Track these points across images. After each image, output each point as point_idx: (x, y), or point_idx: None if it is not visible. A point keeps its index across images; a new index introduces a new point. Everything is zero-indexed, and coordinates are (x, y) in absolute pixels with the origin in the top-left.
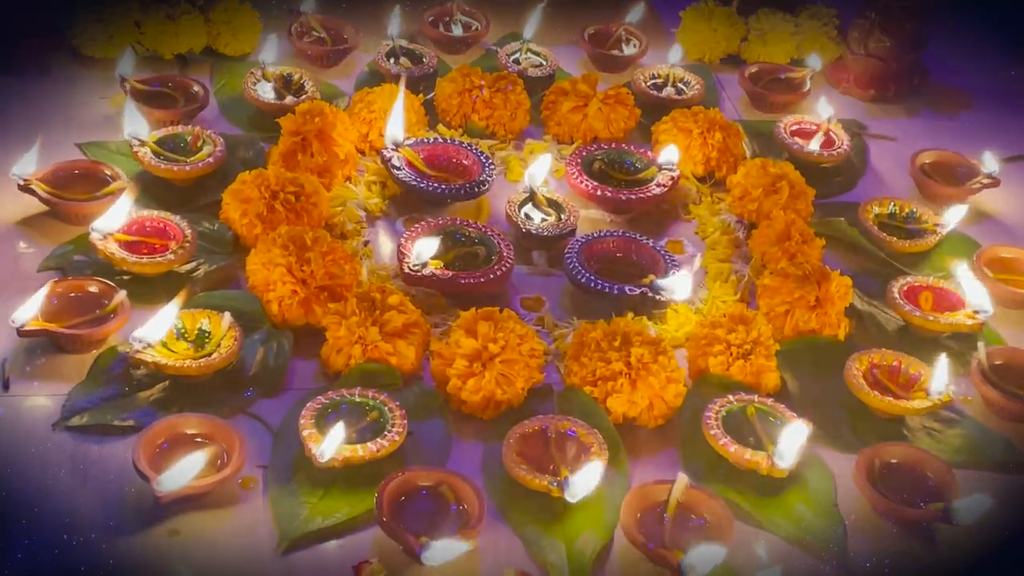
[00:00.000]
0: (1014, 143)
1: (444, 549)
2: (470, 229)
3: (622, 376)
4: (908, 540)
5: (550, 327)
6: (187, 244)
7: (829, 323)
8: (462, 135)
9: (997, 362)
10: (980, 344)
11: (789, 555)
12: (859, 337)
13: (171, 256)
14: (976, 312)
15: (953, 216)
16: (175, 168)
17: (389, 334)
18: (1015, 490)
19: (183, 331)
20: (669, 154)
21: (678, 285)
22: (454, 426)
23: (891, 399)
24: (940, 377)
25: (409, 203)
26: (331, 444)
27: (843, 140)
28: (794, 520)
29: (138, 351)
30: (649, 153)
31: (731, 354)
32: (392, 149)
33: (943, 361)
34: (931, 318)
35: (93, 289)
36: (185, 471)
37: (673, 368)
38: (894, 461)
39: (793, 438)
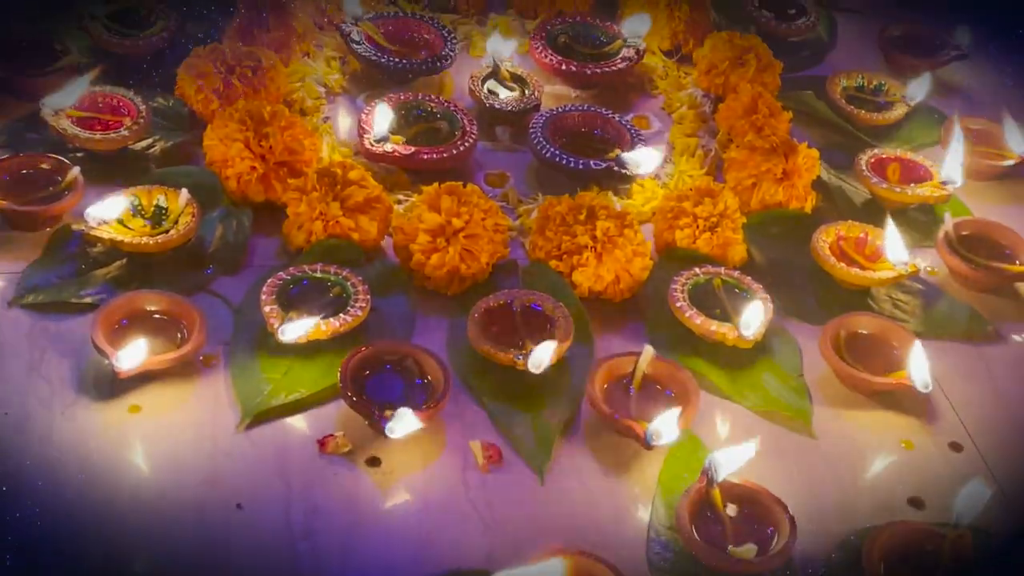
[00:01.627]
0: (984, 18)
1: (408, 421)
2: (432, 104)
3: (588, 250)
4: (874, 409)
5: (514, 203)
6: (141, 120)
7: (796, 196)
8: (423, 9)
9: (964, 233)
10: (947, 215)
11: (755, 426)
12: (826, 210)
13: (125, 132)
14: (944, 183)
15: (919, 88)
16: (127, 43)
17: (350, 209)
18: None
19: (140, 208)
20: (635, 24)
21: (644, 159)
22: (418, 302)
23: (857, 270)
24: (892, 243)
25: (370, 79)
26: (295, 328)
27: (811, 13)
28: (760, 391)
29: (93, 228)
30: (615, 27)
31: (697, 227)
32: (351, 24)
33: (890, 227)
34: (898, 190)
35: (46, 166)
36: (144, 348)
37: (639, 242)
38: (860, 332)
39: (759, 310)
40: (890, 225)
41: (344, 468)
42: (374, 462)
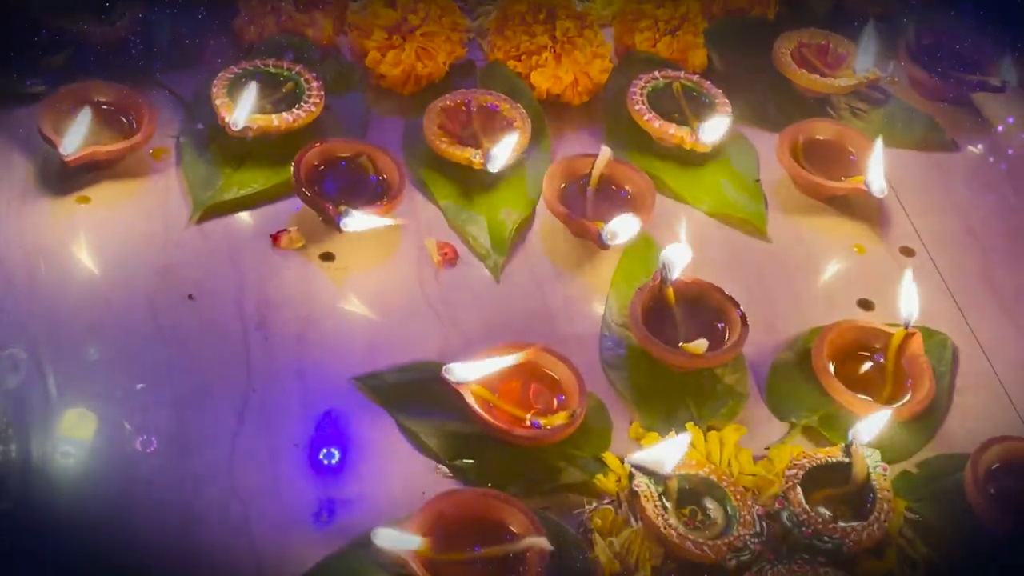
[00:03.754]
0: None
1: (363, 217)
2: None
3: (547, 50)
4: (828, 215)
5: (473, 2)
6: None
7: (759, 1)
8: None
9: (925, 42)
10: (910, 25)
11: (709, 229)
12: (788, 17)
13: None
14: None
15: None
16: None
17: (304, 4)
18: None
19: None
20: None
21: None
22: (373, 101)
23: (817, 76)
24: (864, 50)
25: None
26: (243, 110)
27: None
28: (716, 195)
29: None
30: None
31: (658, 30)
32: None
33: (870, 31)
34: None
35: None
36: (87, 124)
37: (599, 43)
38: (818, 137)
39: (717, 118)
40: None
41: (297, 263)
42: (328, 257)
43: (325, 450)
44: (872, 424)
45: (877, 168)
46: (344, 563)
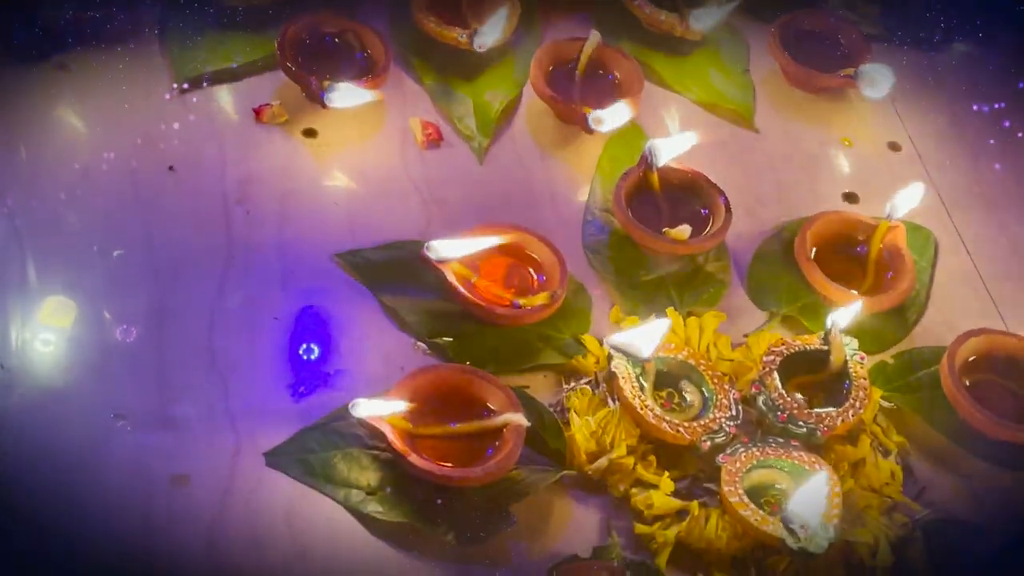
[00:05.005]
0: None
1: (347, 92)
2: None
3: None
4: (817, 108)
5: None
6: None
7: None
8: None
9: None
10: None
11: (697, 118)
12: None
13: None
14: None
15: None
16: None
17: None
18: None
19: None
20: None
21: None
22: None
23: None
24: None
25: None
26: None
27: None
28: (704, 84)
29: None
30: None
31: None
32: None
33: None
34: None
35: None
36: None
37: None
38: (810, 29)
39: (708, 6)
40: None
41: (280, 138)
42: (311, 134)
43: (304, 325)
44: (850, 312)
45: (871, 66)
46: (321, 435)
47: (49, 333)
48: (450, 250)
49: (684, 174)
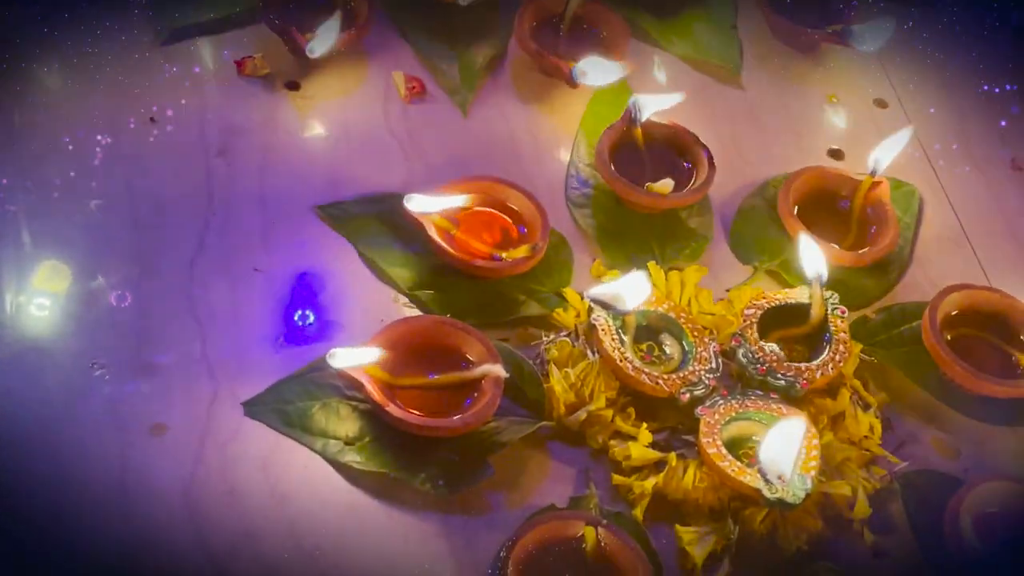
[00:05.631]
0: None
1: (329, 40)
2: None
3: None
4: (804, 64)
5: None
6: None
7: None
8: None
9: None
10: None
11: (682, 74)
12: None
13: None
14: None
15: None
16: None
17: None
18: None
19: None
20: None
21: None
22: None
23: None
24: None
25: None
26: None
27: None
28: (690, 39)
29: None
30: None
31: None
32: None
33: None
34: None
35: None
36: None
37: None
38: None
39: None
40: None
41: (262, 90)
42: (293, 86)
43: (284, 277)
44: (824, 263)
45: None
46: (299, 385)
47: (29, 287)
48: (430, 203)
49: (668, 129)
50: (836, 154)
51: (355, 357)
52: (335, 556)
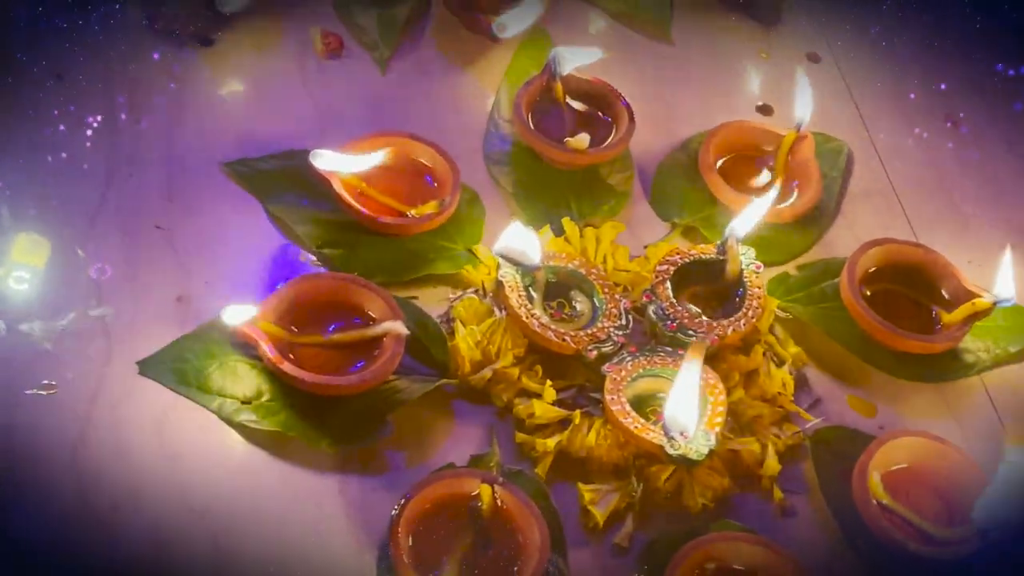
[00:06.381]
0: None
1: None
2: None
3: None
4: (734, 19)
5: None
6: None
7: None
8: None
9: None
10: None
11: (611, 29)
12: None
13: None
14: None
15: None
16: None
17: None
18: None
19: None
20: None
21: None
22: None
23: None
24: None
25: None
26: None
27: None
28: None
29: None
30: None
31: None
32: None
33: None
34: None
35: None
36: None
37: None
38: None
39: None
40: None
41: (174, 46)
42: (206, 42)
43: (188, 234)
44: (748, 218)
45: None
46: (197, 344)
47: None
48: (338, 159)
49: (589, 84)
50: (765, 110)
51: (250, 316)
52: (226, 517)
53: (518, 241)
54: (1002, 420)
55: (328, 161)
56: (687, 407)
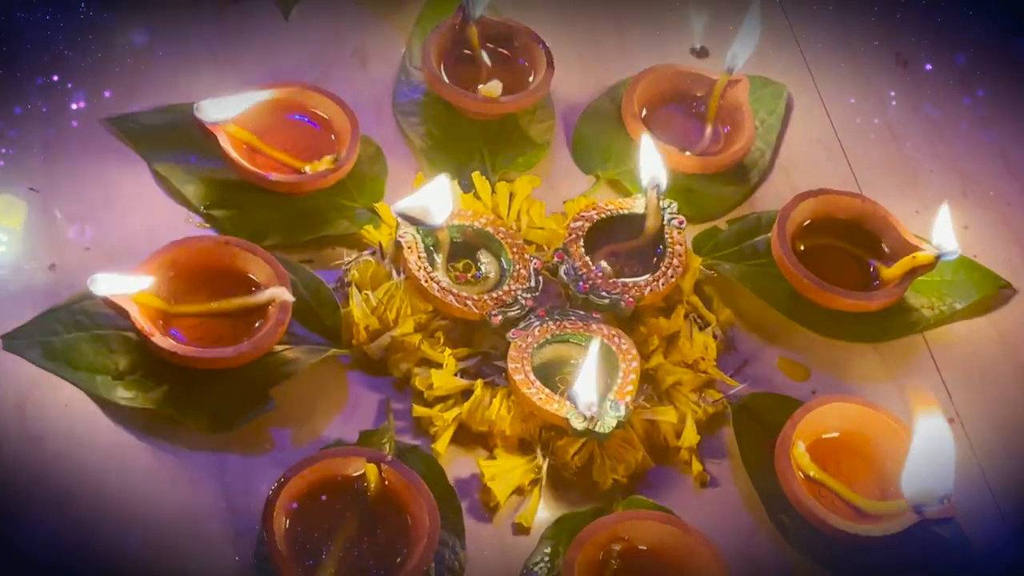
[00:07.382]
0: None
1: None
2: None
3: None
4: None
5: None
6: None
7: None
8: None
9: None
10: None
11: None
12: None
13: None
14: None
15: None
16: None
17: None
18: None
19: None
20: None
21: None
22: None
23: None
24: None
25: None
26: None
27: None
28: None
29: None
30: None
31: None
32: None
33: None
34: None
35: None
36: None
37: None
38: None
39: None
40: None
41: None
42: None
43: (63, 195)
44: (652, 163)
45: None
46: (68, 316)
47: None
48: (223, 110)
49: (506, 27)
50: (701, 53)
51: (120, 284)
52: (90, 501)
53: (428, 198)
54: (945, 383)
55: (212, 113)
56: (591, 377)
